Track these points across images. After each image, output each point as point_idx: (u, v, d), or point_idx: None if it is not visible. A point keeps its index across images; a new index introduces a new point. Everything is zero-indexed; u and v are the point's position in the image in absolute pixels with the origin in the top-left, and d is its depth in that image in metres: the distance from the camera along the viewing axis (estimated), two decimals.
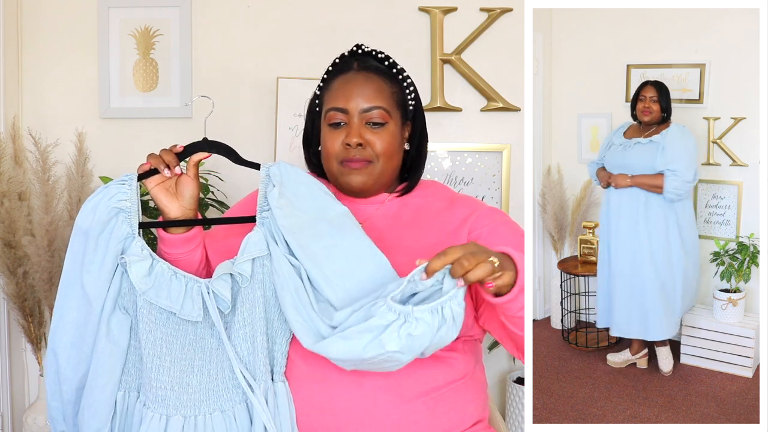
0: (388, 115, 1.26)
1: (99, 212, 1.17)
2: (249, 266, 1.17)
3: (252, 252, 1.17)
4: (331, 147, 1.27)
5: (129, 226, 1.18)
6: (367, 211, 1.31)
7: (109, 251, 1.17)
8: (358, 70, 1.28)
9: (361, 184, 1.26)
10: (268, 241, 1.18)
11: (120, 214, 1.18)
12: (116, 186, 1.20)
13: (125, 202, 1.19)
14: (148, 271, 1.16)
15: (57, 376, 1.20)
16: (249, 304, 1.17)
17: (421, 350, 1.03)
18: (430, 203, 1.31)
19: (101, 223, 1.17)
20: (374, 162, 1.26)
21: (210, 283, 1.17)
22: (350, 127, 1.25)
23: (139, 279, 1.15)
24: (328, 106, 1.28)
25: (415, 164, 1.34)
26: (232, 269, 1.16)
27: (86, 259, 1.17)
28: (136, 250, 1.17)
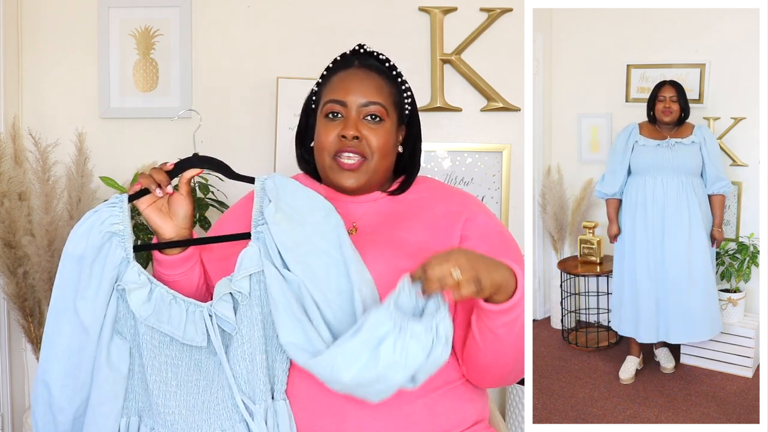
0: (385, 112, 1.26)
1: (92, 237, 1.15)
2: (246, 283, 1.15)
3: (248, 268, 1.15)
4: (325, 139, 1.25)
5: (123, 251, 1.15)
6: (360, 209, 1.30)
7: (104, 277, 1.14)
8: (359, 67, 1.29)
9: (354, 184, 1.26)
10: (263, 256, 1.16)
11: (113, 238, 1.15)
12: (107, 209, 1.17)
13: (118, 225, 1.16)
14: (147, 297, 1.14)
15: (49, 407, 1.16)
16: (247, 321, 1.15)
17: (414, 369, 1.00)
18: (423, 197, 1.31)
19: (95, 248, 1.14)
20: (368, 158, 1.25)
21: (212, 306, 1.15)
22: (347, 120, 1.25)
23: (139, 306, 1.13)
24: (327, 99, 1.27)
25: (408, 168, 1.34)
26: (230, 287, 1.14)
27: (80, 285, 1.14)
28: (133, 277, 1.14)
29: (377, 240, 1.24)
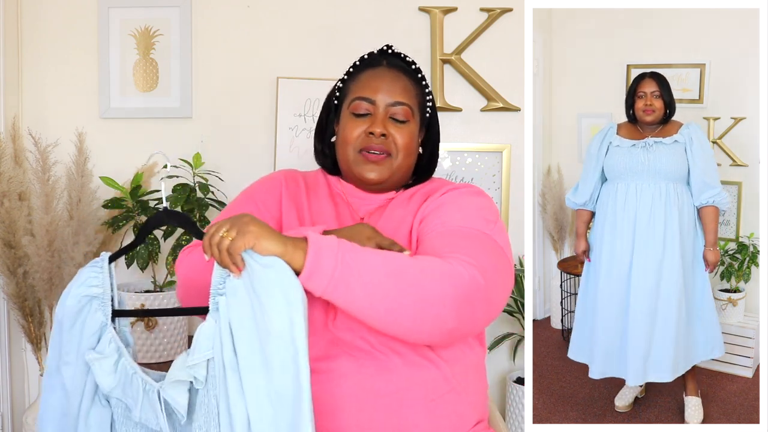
0: (411, 113, 1.30)
1: (69, 302, 1.10)
2: (203, 368, 1.02)
3: (203, 350, 1.01)
4: (350, 135, 1.28)
5: (103, 315, 1.10)
6: (373, 206, 1.32)
7: (82, 343, 1.10)
8: (388, 67, 1.32)
9: (377, 177, 1.28)
10: (216, 340, 1.01)
11: (93, 302, 1.10)
12: (87, 270, 1.12)
13: (96, 288, 1.10)
14: (113, 368, 1.09)
15: None
16: (204, 409, 1.03)
17: None
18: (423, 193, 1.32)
19: (72, 314, 1.10)
20: (394, 155, 1.28)
21: (162, 388, 1.05)
22: (375, 117, 1.28)
23: (103, 378, 1.08)
24: (355, 95, 1.30)
25: (425, 170, 1.38)
26: (185, 373, 1.02)
27: (63, 350, 1.11)
28: (102, 346, 1.09)
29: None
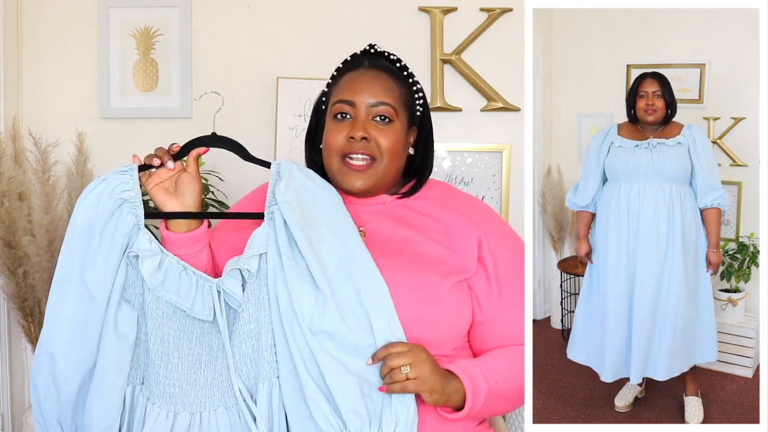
0: (394, 113, 1.24)
1: (102, 204, 1.14)
2: (255, 262, 1.14)
3: (258, 247, 1.14)
4: (333, 140, 1.23)
5: (134, 217, 1.15)
6: (368, 213, 1.28)
7: (114, 244, 1.13)
8: (369, 68, 1.27)
9: (362, 186, 1.23)
10: (271, 239, 1.15)
11: (124, 205, 1.15)
12: (117, 176, 1.17)
13: (129, 192, 1.16)
14: (158, 266, 1.13)
15: (53, 378, 1.15)
16: (255, 300, 1.14)
17: None
18: (434, 205, 1.28)
19: (106, 215, 1.14)
20: (377, 160, 1.23)
21: (221, 282, 1.14)
22: (356, 120, 1.23)
23: (150, 274, 1.12)
24: (335, 99, 1.25)
25: (420, 170, 1.32)
26: (239, 264, 1.13)
27: (89, 253, 1.13)
28: (144, 244, 1.14)
29: (392, 248, 1.22)
